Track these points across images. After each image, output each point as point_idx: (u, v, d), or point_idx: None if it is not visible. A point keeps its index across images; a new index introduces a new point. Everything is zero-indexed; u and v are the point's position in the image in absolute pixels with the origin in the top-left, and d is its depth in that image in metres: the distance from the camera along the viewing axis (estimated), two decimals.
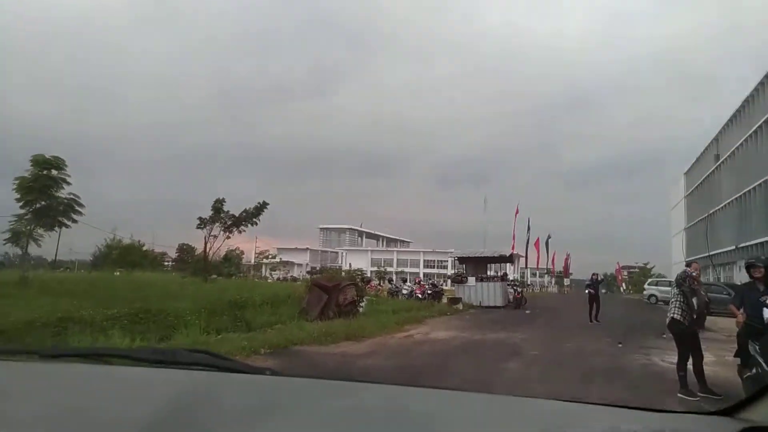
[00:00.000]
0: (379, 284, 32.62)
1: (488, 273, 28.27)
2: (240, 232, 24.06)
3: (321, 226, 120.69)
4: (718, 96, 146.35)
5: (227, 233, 23.94)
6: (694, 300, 6.98)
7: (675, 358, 10.47)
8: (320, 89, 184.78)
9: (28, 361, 1.60)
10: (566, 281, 77.64)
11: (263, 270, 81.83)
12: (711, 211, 49.80)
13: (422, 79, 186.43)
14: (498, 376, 8.42)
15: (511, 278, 37.01)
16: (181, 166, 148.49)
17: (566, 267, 75.31)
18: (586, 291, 18.93)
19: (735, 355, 7.28)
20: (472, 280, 25.77)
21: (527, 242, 39.28)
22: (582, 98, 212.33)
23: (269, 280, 44.93)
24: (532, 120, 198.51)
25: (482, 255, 26.44)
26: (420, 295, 26.38)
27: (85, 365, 1.57)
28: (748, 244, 39.55)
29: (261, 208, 23.85)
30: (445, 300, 25.72)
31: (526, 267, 53.87)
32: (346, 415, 1.22)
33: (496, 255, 26.37)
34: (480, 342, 12.40)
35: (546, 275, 69.56)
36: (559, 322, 19.21)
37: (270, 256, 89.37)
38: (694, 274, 7.11)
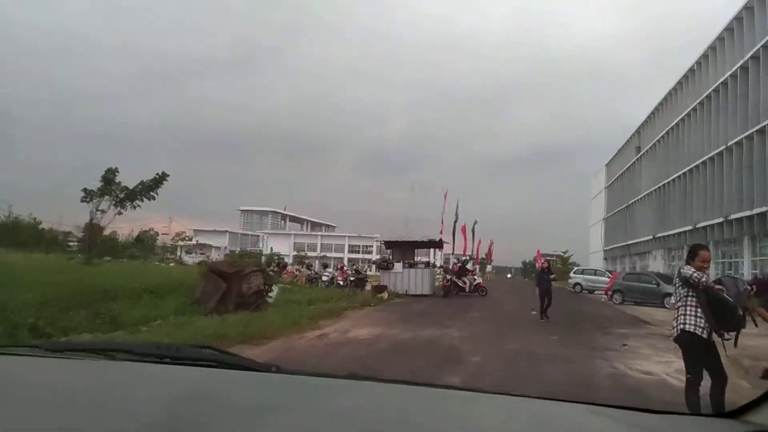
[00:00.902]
0: (297, 270, 30.01)
1: (415, 258, 26.41)
2: (134, 207, 20.54)
3: (242, 208, 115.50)
4: (641, 91, 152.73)
5: (119, 208, 20.37)
6: (726, 296, 4.90)
7: (646, 366, 8.87)
8: (246, 66, 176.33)
9: (32, 355, 1.58)
10: (488, 268, 78.11)
11: (178, 253, 76.56)
12: (630, 202, 50.70)
13: (353, 63, 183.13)
14: None
15: (438, 264, 35.54)
16: (99, 146, 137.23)
17: (489, 254, 75.60)
18: (537, 286, 15.93)
19: (765, 376, 5.44)
20: (398, 266, 23.72)
21: (454, 228, 37.81)
22: (507, 90, 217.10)
23: (171, 265, 40.88)
24: (460, 109, 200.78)
25: (410, 239, 24.46)
26: (342, 283, 24.05)
27: (89, 361, 1.59)
28: (665, 234, 40.16)
29: (160, 180, 20.38)
30: (369, 288, 23.56)
31: (452, 253, 52.86)
32: (353, 414, 1.22)
33: (424, 239, 24.45)
34: (410, 343, 10.19)
35: (470, 261, 69.50)
36: (496, 312, 17.50)
37: (186, 238, 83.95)
38: (696, 277, 4.99)
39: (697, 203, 33.99)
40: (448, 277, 23.68)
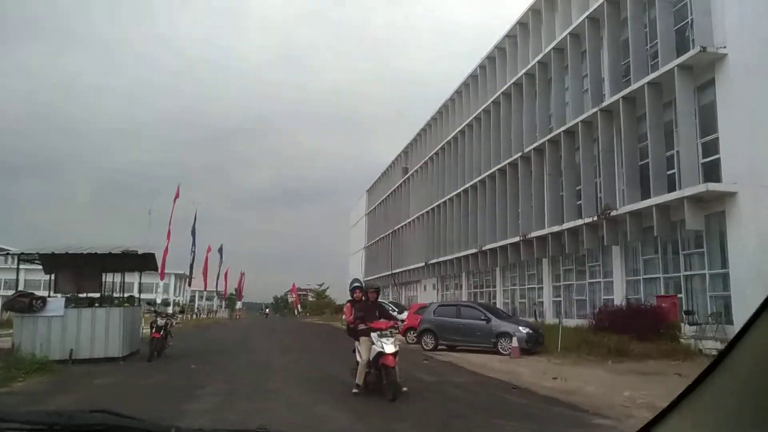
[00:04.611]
0: None
1: (106, 290, 14.23)
2: None
3: None
4: (406, 120, 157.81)
5: None
6: None
7: None
8: None
9: None
10: (239, 304, 66.11)
11: None
12: (396, 227, 45.25)
13: (93, 78, 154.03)
14: None
15: (160, 300, 23.27)
16: None
17: (239, 288, 63.78)
18: None
19: None
20: (56, 304, 11.51)
21: (192, 257, 26.29)
22: (260, 124, 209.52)
23: None
24: (197, 139, 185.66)
25: (87, 251, 12.19)
26: None
27: None
28: (440, 260, 34.73)
29: None
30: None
31: (189, 286, 40.17)
32: None
33: (116, 251, 12.27)
34: None
35: (216, 297, 56.60)
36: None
37: None
38: None
39: (483, 223, 28.80)
40: (160, 322, 12.19)
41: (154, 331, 12.15)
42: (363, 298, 8.46)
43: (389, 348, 7.40)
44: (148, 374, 10.05)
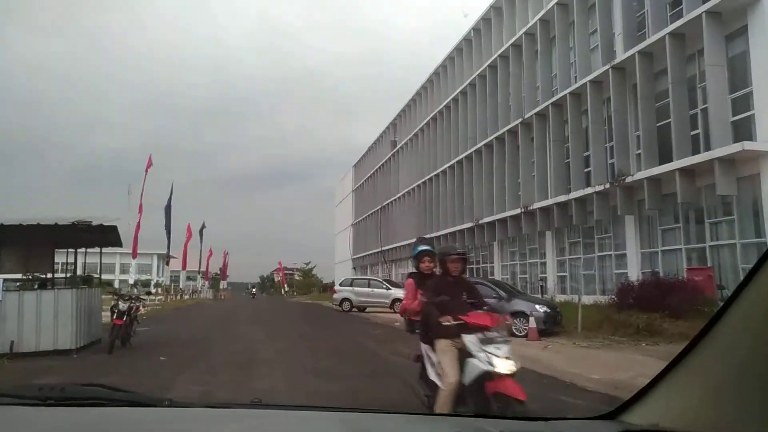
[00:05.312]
0: None
1: (68, 269, 12.21)
2: None
3: None
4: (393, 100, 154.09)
5: None
6: None
7: None
8: None
9: None
10: (223, 284, 64.14)
11: None
12: (386, 202, 43.43)
13: (69, 67, 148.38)
14: None
15: (132, 281, 21.22)
16: None
17: (224, 267, 61.79)
18: None
19: None
20: None
21: (168, 228, 24.27)
22: (243, 105, 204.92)
23: None
24: (187, 122, 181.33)
25: (28, 223, 10.02)
26: None
27: None
28: (432, 235, 32.97)
29: None
30: None
31: (167, 265, 38.10)
32: None
33: (64, 222, 10.04)
34: None
35: (199, 277, 54.60)
36: None
37: None
38: None
39: (479, 196, 27.06)
40: (122, 305, 10.28)
41: (115, 317, 10.23)
42: (436, 271, 4.71)
43: (503, 364, 3.83)
44: (103, 370, 8.20)
